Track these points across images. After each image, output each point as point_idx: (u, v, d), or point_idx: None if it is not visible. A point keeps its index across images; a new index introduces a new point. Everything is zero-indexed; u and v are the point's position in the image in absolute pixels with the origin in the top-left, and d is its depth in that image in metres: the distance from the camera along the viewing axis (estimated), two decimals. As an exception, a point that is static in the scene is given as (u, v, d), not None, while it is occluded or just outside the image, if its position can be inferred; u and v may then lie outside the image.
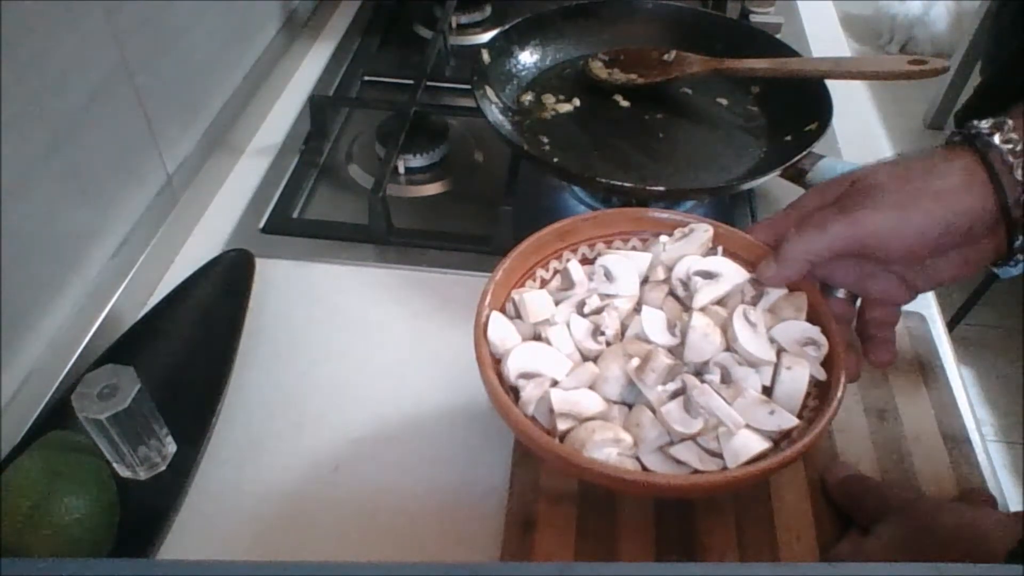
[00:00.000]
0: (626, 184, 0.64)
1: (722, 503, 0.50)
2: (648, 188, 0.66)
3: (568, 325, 0.49)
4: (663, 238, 0.53)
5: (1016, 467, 1.60)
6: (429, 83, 0.86)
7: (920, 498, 0.49)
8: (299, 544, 0.50)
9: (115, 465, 0.50)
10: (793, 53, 0.76)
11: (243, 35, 0.83)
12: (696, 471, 0.44)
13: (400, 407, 0.58)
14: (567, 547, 0.48)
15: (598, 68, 0.80)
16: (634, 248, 0.54)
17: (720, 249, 0.52)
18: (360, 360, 0.61)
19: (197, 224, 0.73)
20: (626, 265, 0.51)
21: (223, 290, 0.62)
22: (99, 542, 0.47)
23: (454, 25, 0.99)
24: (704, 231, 0.52)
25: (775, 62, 0.74)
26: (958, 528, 0.43)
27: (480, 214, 0.74)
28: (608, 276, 0.51)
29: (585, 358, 0.49)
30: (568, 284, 0.52)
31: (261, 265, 0.65)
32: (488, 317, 0.48)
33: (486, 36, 0.96)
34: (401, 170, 0.79)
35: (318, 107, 0.82)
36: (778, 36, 0.84)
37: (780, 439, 0.45)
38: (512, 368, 0.46)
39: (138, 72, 0.64)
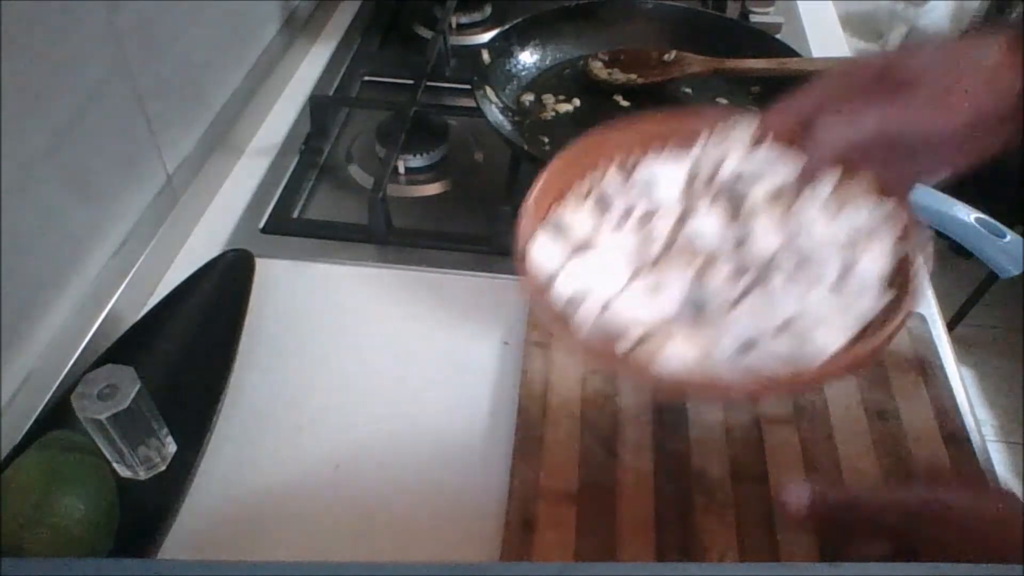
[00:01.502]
0: (626, 184, 0.64)
1: (723, 503, 0.50)
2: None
3: (615, 239, 0.46)
4: (705, 138, 0.49)
5: (1016, 467, 1.60)
6: (429, 83, 0.86)
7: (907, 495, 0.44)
8: (299, 544, 0.50)
9: (115, 465, 0.50)
10: (793, 53, 0.76)
11: (243, 35, 0.83)
12: (770, 375, 0.40)
13: (400, 407, 0.58)
14: (567, 547, 0.48)
15: (598, 68, 0.80)
16: (675, 153, 0.50)
17: (771, 136, 0.47)
18: (360, 360, 0.61)
19: (197, 224, 0.73)
20: (668, 172, 0.47)
21: (223, 290, 0.62)
22: (99, 542, 0.47)
23: (454, 25, 0.98)
24: (747, 125, 0.48)
25: (775, 62, 0.74)
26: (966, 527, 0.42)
27: (480, 214, 0.73)
28: (650, 185, 0.47)
29: (638, 270, 0.45)
30: (608, 197, 0.48)
31: (261, 265, 0.65)
32: (530, 242, 0.44)
33: (486, 36, 0.96)
34: (401, 170, 0.79)
35: (318, 107, 0.82)
36: (778, 36, 0.84)
37: (860, 332, 0.41)
38: (562, 291, 0.43)
39: (138, 72, 0.64)
